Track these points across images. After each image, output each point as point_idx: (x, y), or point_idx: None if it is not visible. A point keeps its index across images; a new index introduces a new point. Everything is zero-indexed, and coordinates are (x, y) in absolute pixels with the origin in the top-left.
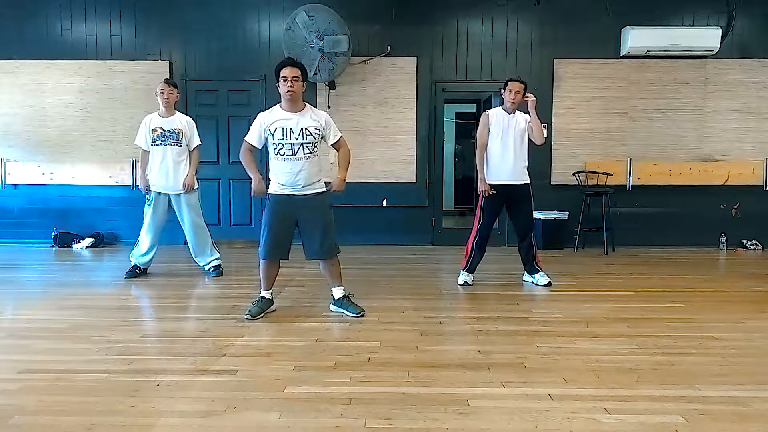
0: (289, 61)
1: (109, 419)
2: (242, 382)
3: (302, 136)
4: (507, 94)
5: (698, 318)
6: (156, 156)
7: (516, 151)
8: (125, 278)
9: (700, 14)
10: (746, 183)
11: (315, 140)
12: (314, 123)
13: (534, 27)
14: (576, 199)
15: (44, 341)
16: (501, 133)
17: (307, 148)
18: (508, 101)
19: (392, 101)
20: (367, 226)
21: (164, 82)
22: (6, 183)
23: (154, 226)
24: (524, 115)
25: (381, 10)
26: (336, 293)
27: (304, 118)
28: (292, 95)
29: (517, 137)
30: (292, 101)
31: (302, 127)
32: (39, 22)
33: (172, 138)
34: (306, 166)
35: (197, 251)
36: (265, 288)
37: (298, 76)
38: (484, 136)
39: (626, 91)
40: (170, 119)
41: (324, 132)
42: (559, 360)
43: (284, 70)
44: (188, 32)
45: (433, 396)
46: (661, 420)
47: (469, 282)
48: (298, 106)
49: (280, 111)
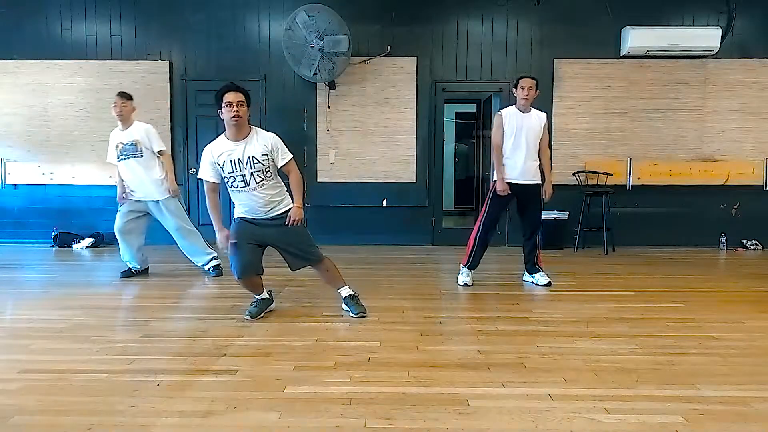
0: (231, 85)
1: (109, 419)
2: (242, 382)
3: (250, 165)
4: (519, 91)
5: (698, 318)
6: (125, 170)
7: (528, 150)
8: (120, 278)
9: (700, 14)
10: (746, 183)
11: (265, 166)
12: (261, 149)
13: (534, 27)
14: (576, 199)
15: (44, 341)
16: (514, 132)
17: (259, 176)
18: (522, 98)
19: (392, 101)
20: (367, 226)
21: (117, 94)
22: (6, 183)
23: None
24: (540, 114)
25: (381, 10)
26: (343, 293)
27: (250, 146)
28: (238, 120)
29: (530, 137)
30: (237, 127)
31: (249, 156)
32: (39, 22)
33: (132, 150)
34: (262, 195)
35: (190, 252)
36: (257, 294)
37: (242, 101)
38: (499, 137)
39: (626, 91)
40: (127, 132)
41: (272, 155)
42: (559, 360)
43: (227, 95)
44: (188, 32)
45: (433, 396)
46: (661, 420)
47: (469, 283)
48: (243, 132)
49: (225, 142)
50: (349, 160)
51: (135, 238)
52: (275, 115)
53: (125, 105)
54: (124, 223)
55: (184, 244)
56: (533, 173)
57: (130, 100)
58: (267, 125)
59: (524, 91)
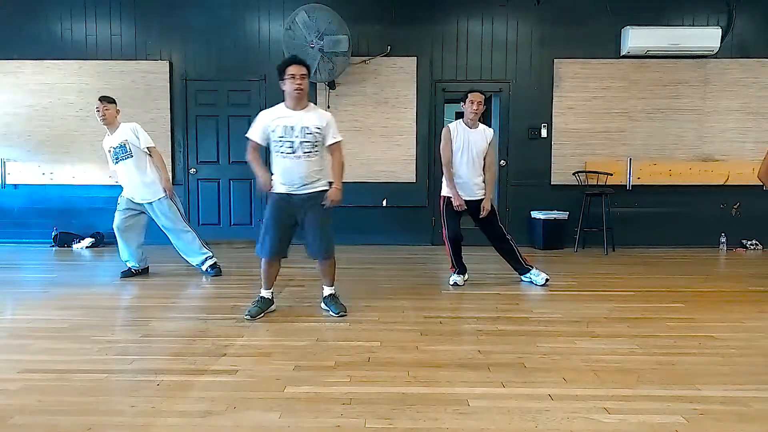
0: (296, 59)
1: (109, 419)
2: (242, 382)
3: (302, 134)
4: (468, 105)
5: (698, 318)
6: (121, 173)
7: (474, 166)
8: (120, 278)
9: (700, 14)
10: (746, 183)
11: (315, 139)
12: (316, 122)
13: (534, 27)
14: (576, 199)
15: (44, 341)
16: (461, 148)
17: (306, 147)
18: (470, 112)
19: (392, 101)
20: (367, 226)
21: (98, 99)
22: (6, 183)
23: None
24: (487, 130)
25: (381, 10)
26: (326, 291)
27: (306, 116)
28: (300, 93)
29: (475, 153)
30: (298, 99)
31: (303, 125)
32: (39, 22)
33: (122, 152)
34: (305, 165)
35: (185, 252)
36: (266, 287)
37: (305, 74)
38: (448, 152)
39: (626, 91)
40: (115, 135)
41: (324, 131)
42: (559, 360)
43: (291, 68)
44: (188, 32)
45: (433, 396)
46: (661, 420)
47: (459, 282)
48: (303, 104)
49: (283, 109)
50: (348, 160)
51: (134, 236)
52: None
53: (108, 109)
54: (122, 221)
55: (179, 244)
56: (479, 189)
57: (112, 104)
58: None
59: (473, 105)
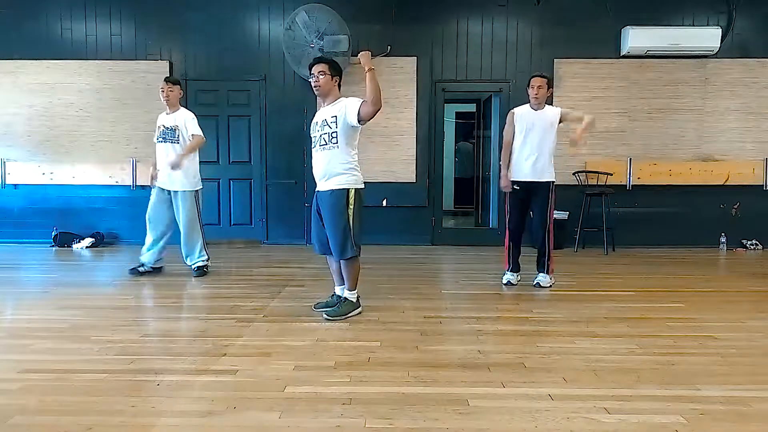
0: (318, 58)
1: (109, 419)
2: (242, 382)
3: (322, 127)
4: (530, 90)
5: (698, 318)
6: (160, 153)
7: (539, 148)
8: (129, 272)
9: (700, 14)
10: (746, 183)
11: (331, 129)
12: (333, 111)
13: (534, 27)
14: (576, 199)
15: (44, 341)
16: (524, 130)
17: (324, 140)
18: (532, 97)
19: (392, 101)
20: (367, 226)
21: (164, 80)
22: (6, 183)
23: (152, 220)
24: (553, 109)
25: (381, 10)
26: (337, 290)
27: (327, 110)
28: (318, 89)
29: (542, 134)
30: (320, 96)
31: (323, 119)
32: (39, 22)
33: (171, 135)
34: (322, 158)
35: (187, 250)
36: (337, 283)
37: (323, 71)
38: (509, 134)
39: (626, 91)
40: (171, 116)
41: (340, 114)
42: (559, 360)
43: (312, 68)
44: (188, 32)
45: (433, 396)
46: (661, 420)
47: (513, 281)
48: (329, 99)
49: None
50: None
51: (160, 226)
52: (275, 115)
53: (172, 90)
54: (151, 208)
55: (184, 240)
56: (541, 171)
57: (177, 85)
58: (267, 125)
59: (533, 90)
